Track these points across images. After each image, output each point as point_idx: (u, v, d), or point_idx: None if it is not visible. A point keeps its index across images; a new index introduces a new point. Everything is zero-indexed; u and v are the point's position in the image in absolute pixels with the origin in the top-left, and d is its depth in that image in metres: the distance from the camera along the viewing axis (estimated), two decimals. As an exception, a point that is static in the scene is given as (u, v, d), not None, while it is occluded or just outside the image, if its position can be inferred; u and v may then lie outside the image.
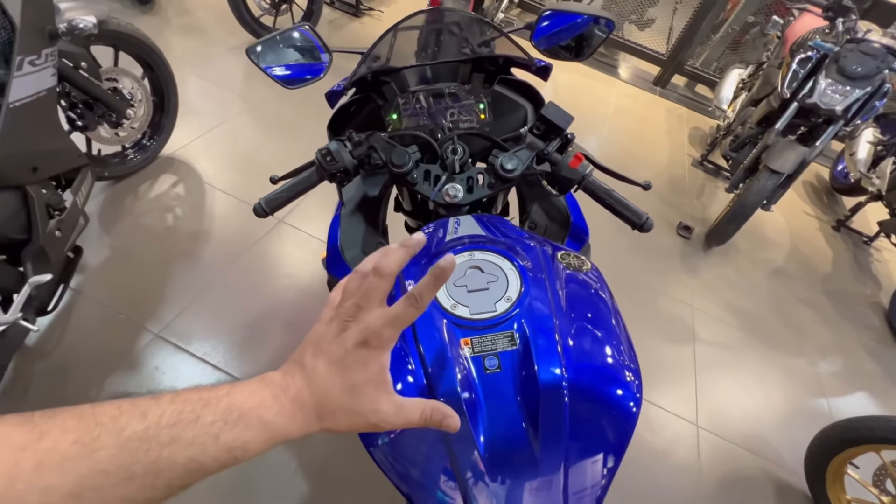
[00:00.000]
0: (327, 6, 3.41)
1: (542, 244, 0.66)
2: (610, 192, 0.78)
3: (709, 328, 2.11)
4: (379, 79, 0.89)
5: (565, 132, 0.77)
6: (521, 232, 0.70)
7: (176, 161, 2.01)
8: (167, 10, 2.90)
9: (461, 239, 0.64)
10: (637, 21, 4.26)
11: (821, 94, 2.11)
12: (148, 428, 0.28)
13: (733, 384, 1.92)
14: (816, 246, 2.93)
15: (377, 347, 0.35)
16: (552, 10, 0.81)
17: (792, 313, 2.36)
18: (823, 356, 2.21)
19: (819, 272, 2.71)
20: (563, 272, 0.60)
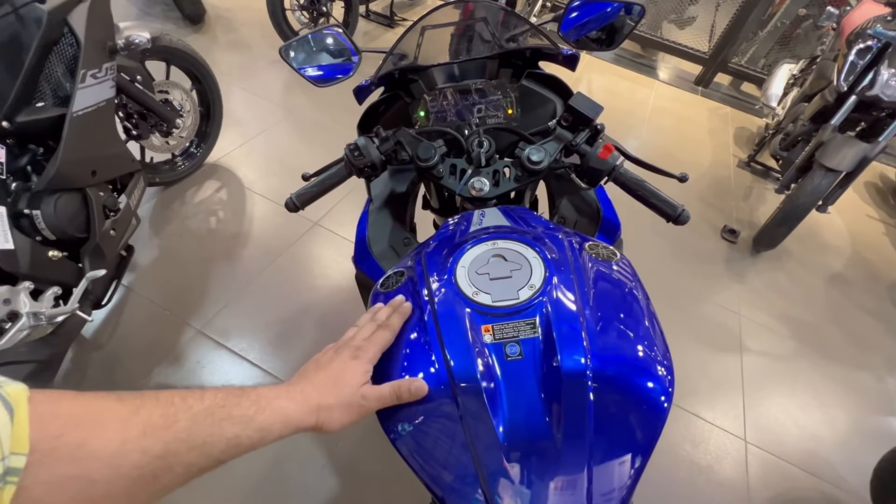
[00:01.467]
0: (363, 18, 3.52)
1: (569, 235, 0.64)
2: (642, 183, 0.74)
3: (758, 337, 1.97)
4: (407, 77, 0.90)
5: (594, 122, 0.75)
6: (547, 223, 0.68)
7: (220, 168, 2.12)
8: (215, 28, 3.10)
9: (486, 229, 0.63)
10: (677, 20, 4.13)
11: (883, 86, 1.95)
12: (208, 406, 0.36)
13: (786, 398, 1.78)
14: (882, 251, 2.69)
15: (363, 359, 0.49)
16: (580, 1, 0.79)
17: (853, 323, 2.17)
18: (892, 370, 2.01)
19: (885, 279, 2.49)
20: (590, 262, 0.58)
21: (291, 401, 0.42)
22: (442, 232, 0.69)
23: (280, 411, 0.41)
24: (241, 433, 0.37)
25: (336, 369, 0.47)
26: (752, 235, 2.45)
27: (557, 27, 0.84)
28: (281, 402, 0.42)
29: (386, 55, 0.79)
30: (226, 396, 0.38)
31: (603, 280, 0.55)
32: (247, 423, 0.38)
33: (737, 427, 1.64)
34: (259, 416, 0.39)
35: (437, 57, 0.94)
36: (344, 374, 0.47)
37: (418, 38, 0.91)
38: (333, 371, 0.47)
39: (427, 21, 0.83)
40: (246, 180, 2.10)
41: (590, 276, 0.55)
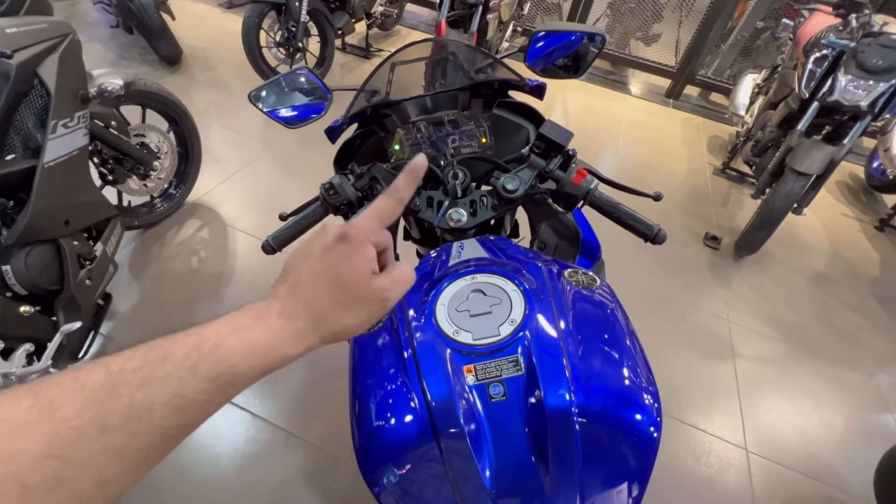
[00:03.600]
0: (339, 51, 3.58)
1: (547, 263, 0.64)
2: (617, 205, 0.75)
3: (749, 342, 1.98)
4: (380, 112, 0.91)
5: (566, 148, 0.76)
6: (526, 252, 0.68)
7: (201, 206, 2.10)
8: (193, 67, 3.12)
9: (466, 262, 0.63)
10: (643, 37, 4.29)
11: (842, 91, 2.03)
12: (111, 376, 0.27)
13: (782, 402, 1.78)
14: (860, 248, 2.75)
15: (357, 239, 0.35)
16: (544, 31, 0.82)
17: (840, 322, 2.20)
18: (882, 367, 2.03)
19: (866, 276, 2.54)
20: (570, 291, 0.57)
21: (264, 329, 0.32)
22: (421, 266, 0.68)
23: (241, 347, 0.31)
24: (181, 390, 0.28)
25: (327, 261, 0.34)
26: (733, 241, 2.49)
27: (524, 58, 0.86)
28: (243, 333, 0.31)
29: (356, 93, 0.80)
30: (145, 353, 0.29)
31: (583, 309, 0.54)
32: (185, 377, 0.28)
33: (737, 436, 1.63)
34: (204, 362, 0.29)
35: (409, 91, 0.95)
36: (339, 264, 0.34)
37: (389, 74, 0.92)
38: (323, 264, 0.34)
39: (397, 58, 0.85)
40: (228, 218, 2.08)
41: (570, 305, 0.55)
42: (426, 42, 0.83)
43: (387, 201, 0.37)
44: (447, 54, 0.90)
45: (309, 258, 0.35)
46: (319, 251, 0.35)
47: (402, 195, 0.38)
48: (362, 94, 0.80)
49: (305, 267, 0.35)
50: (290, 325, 0.33)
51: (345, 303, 0.34)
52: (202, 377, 0.29)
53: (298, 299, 0.34)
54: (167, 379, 0.28)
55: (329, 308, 0.34)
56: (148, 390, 0.27)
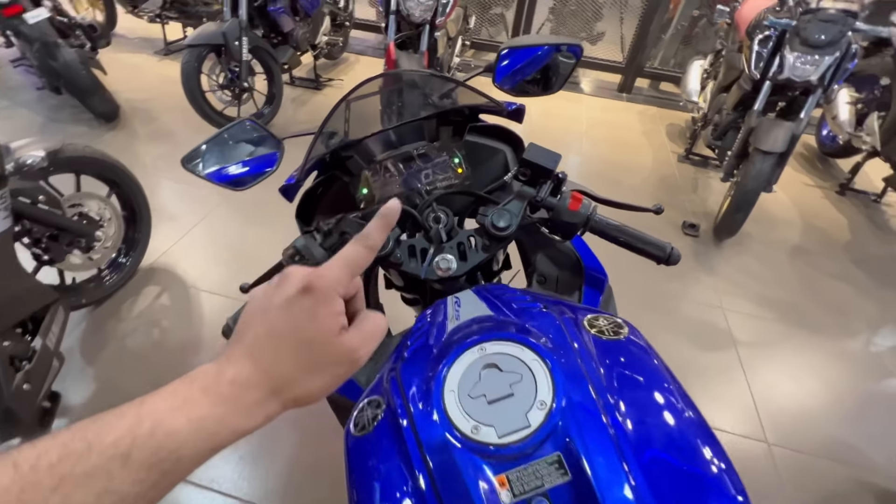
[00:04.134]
0: (288, 86, 3.47)
1: (561, 311, 0.55)
2: (622, 228, 0.68)
3: (745, 327, 1.96)
4: (340, 155, 0.81)
5: (554, 172, 0.68)
6: (533, 300, 0.59)
7: (157, 270, 1.92)
8: (133, 121, 2.94)
9: (468, 326, 0.53)
10: (588, 37, 4.38)
11: (791, 69, 2.08)
12: (20, 478, 0.23)
13: (792, 387, 1.75)
14: (827, 216, 2.82)
15: (324, 292, 0.31)
16: (509, 48, 0.74)
17: (827, 292, 2.22)
18: (875, 332, 2.04)
19: (839, 242, 2.59)
20: (597, 345, 0.48)
21: (213, 403, 0.27)
22: (415, 337, 0.58)
23: (187, 426, 0.26)
24: (110, 486, 0.24)
25: (290, 318, 0.30)
26: (711, 226, 2.49)
27: (492, 78, 0.78)
28: (188, 410, 0.27)
29: (312, 142, 0.70)
30: (65, 444, 0.24)
31: (623, 373, 0.45)
32: (114, 470, 0.24)
33: (756, 430, 1.58)
34: (139, 449, 0.25)
35: (370, 126, 0.86)
36: (303, 321, 0.30)
37: (345, 113, 0.83)
38: (284, 321, 0.30)
39: (352, 96, 0.76)
40: (189, 278, 1.91)
41: (605, 368, 0.46)
42: (381, 77, 0.74)
43: (357, 248, 0.34)
44: (408, 83, 0.82)
45: (268, 313, 0.31)
46: (280, 305, 0.30)
47: (375, 242, 0.35)
48: (318, 139, 0.70)
49: (264, 324, 0.30)
50: (245, 394, 0.29)
51: (310, 366, 0.30)
52: (136, 466, 0.25)
53: (256, 363, 0.29)
54: (92, 474, 0.24)
55: (291, 373, 0.30)
56: (67, 491, 0.23)
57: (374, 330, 0.34)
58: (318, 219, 0.85)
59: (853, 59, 2.08)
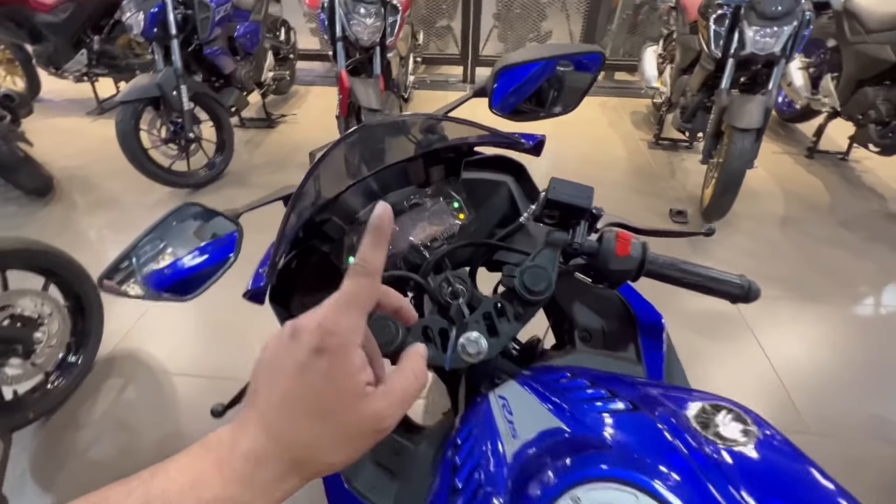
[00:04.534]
0: (239, 128, 3.27)
1: (645, 397, 0.41)
2: (685, 266, 0.55)
3: (759, 310, 1.88)
4: (314, 220, 0.65)
5: (590, 209, 0.55)
6: (598, 387, 0.45)
7: (117, 359, 1.69)
8: (70, 192, 2.67)
9: (537, 455, 0.38)
10: (537, 37, 4.37)
11: (753, 43, 2.06)
12: None
13: (820, 368, 1.67)
14: (803, 181, 2.84)
15: (341, 349, 0.27)
16: (507, 65, 0.61)
17: (824, 259, 2.19)
18: (880, 290, 2.02)
19: (822, 205, 2.59)
20: (732, 463, 0.34)
21: (226, 480, 0.25)
22: (463, 452, 0.43)
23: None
24: None
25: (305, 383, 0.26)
26: (699, 211, 2.45)
27: (489, 102, 0.65)
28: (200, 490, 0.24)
29: (282, 227, 0.54)
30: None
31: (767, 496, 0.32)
32: None
33: (796, 422, 1.48)
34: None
35: (344, 178, 0.71)
36: (320, 386, 0.26)
37: (315, 170, 0.68)
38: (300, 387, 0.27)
39: (325, 157, 0.60)
40: (156, 362, 1.69)
41: (741, 491, 0.32)
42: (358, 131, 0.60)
43: (357, 282, 0.28)
44: (391, 129, 0.68)
45: (280, 377, 0.27)
46: (293, 370, 0.27)
47: (374, 265, 0.29)
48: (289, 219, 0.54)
49: (276, 389, 0.27)
50: (261, 471, 0.26)
51: (331, 435, 0.27)
52: None
53: (271, 435, 0.26)
54: None
55: (311, 444, 0.27)
56: None
57: (406, 391, 0.29)
58: (298, 300, 0.69)
59: (808, 26, 2.08)
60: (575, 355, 0.60)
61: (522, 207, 0.75)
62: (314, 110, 3.73)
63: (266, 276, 0.52)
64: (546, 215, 0.56)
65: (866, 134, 2.58)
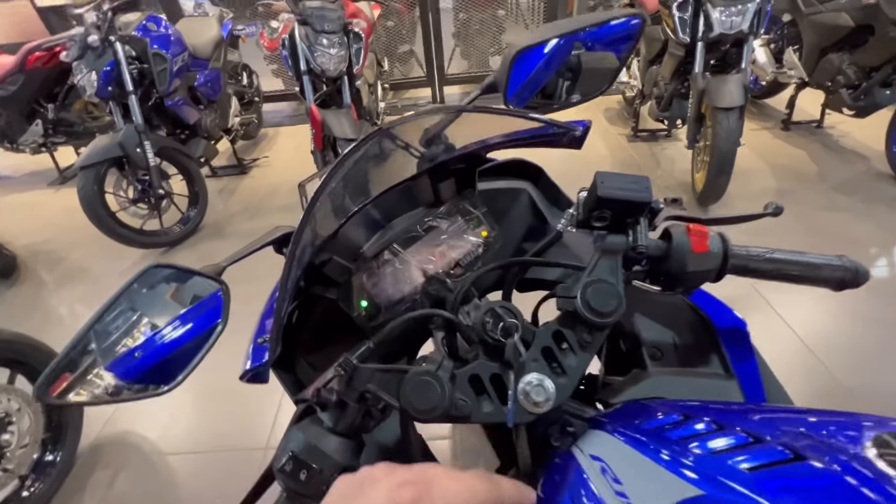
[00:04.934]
0: (211, 178, 3.16)
1: (813, 447, 0.31)
2: (779, 255, 0.46)
3: (778, 293, 1.81)
4: (312, 263, 0.55)
5: (650, 204, 0.46)
6: (716, 428, 0.34)
7: (103, 449, 1.51)
8: (36, 269, 2.50)
9: None
10: (499, 51, 4.40)
11: (720, 24, 2.06)
12: None
13: (856, 343, 1.60)
14: (786, 153, 2.84)
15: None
16: (523, 49, 0.52)
17: (826, 226, 2.15)
18: (889, 250, 1.97)
19: (810, 175, 2.58)
20: None
21: None
22: None
23: None
24: None
25: None
26: (693, 196, 2.41)
27: (503, 96, 0.56)
28: None
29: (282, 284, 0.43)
30: None
31: None
32: None
33: (835, 388, 1.40)
34: None
35: (341, 209, 0.61)
36: None
37: (301, 200, 0.58)
38: None
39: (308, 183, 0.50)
40: (148, 443, 1.52)
41: None
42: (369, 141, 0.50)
43: None
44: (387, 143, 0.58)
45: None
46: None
47: None
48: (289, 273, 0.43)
49: None
50: None
51: None
52: None
53: None
54: None
55: None
56: None
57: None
58: (304, 361, 0.58)
59: (770, 1, 2.09)
60: (651, 380, 0.50)
61: (549, 215, 0.66)
62: (286, 150, 3.64)
63: (269, 346, 0.40)
64: (595, 217, 0.47)
65: (839, 99, 2.60)
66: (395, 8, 4.22)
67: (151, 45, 2.29)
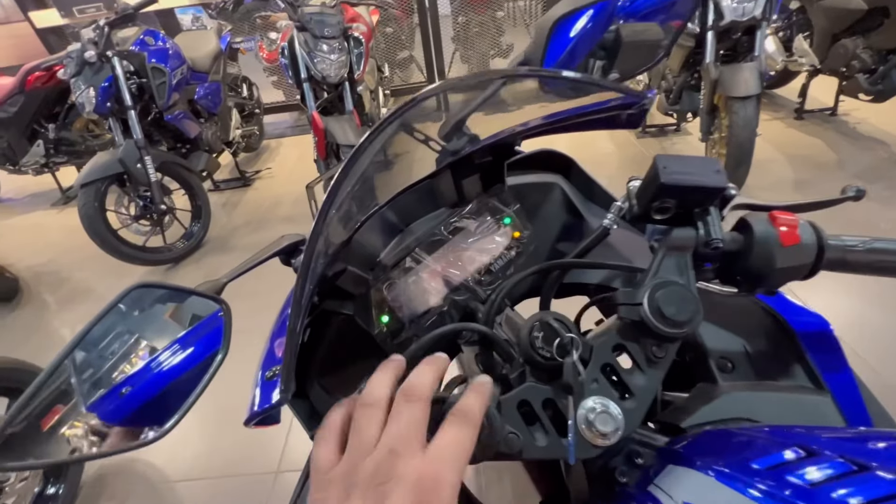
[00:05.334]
0: (214, 192, 3.12)
1: None
2: (881, 244, 0.39)
3: (813, 290, 1.72)
4: (325, 276, 0.48)
5: (725, 189, 0.39)
6: (831, 461, 0.27)
7: (107, 479, 1.44)
8: (40, 292, 2.45)
9: None
10: (499, 52, 4.36)
11: (732, 11, 1.99)
12: None
13: (882, 322, 1.51)
14: (802, 143, 2.75)
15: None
16: (562, 17, 0.46)
17: (854, 215, 2.04)
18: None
19: (829, 164, 2.49)
20: None
21: None
22: None
23: None
24: None
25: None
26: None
27: (540, 61, 0.49)
28: None
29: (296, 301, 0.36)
30: None
31: None
32: None
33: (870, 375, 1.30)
34: None
35: (356, 209, 0.54)
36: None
37: (310, 202, 0.51)
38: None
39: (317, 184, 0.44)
40: (154, 471, 1.45)
41: None
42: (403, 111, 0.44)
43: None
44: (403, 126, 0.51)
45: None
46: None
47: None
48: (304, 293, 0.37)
49: None
50: None
51: None
52: None
53: None
54: None
55: None
56: None
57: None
58: (318, 385, 0.51)
59: (781, -14, 2.03)
60: (725, 398, 0.42)
61: (585, 210, 0.59)
62: (288, 161, 3.60)
63: (282, 380, 0.33)
64: (657, 209, 0.40)
65: (855, 85, 2.52)
66: (394, 14, 4.19)
67: (149, 59, 2.26)
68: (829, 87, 2.83)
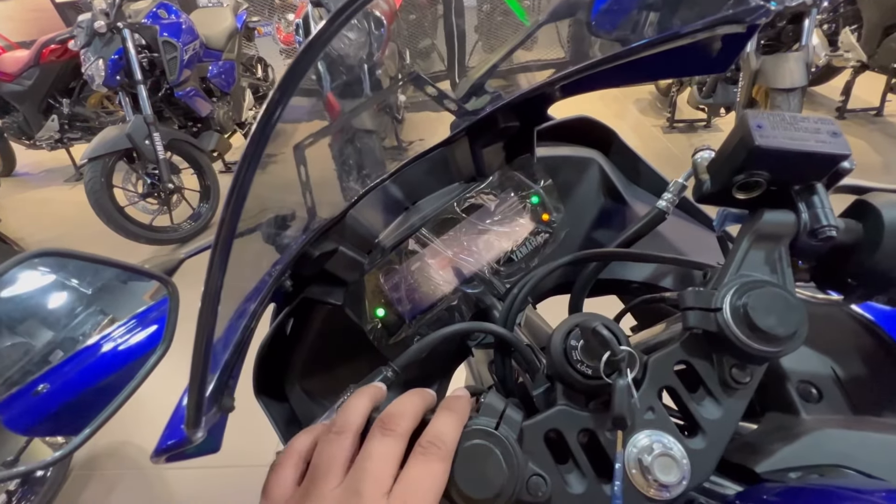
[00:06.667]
0: (224, 174, 3.06)
1: None
2: None
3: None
4: (311, 255, 0.39)
5: (846, 158, 0.29)
6: None
7: (98, 462, 1.39)
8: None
9: None
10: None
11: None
12: None
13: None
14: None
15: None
16: None
17: None
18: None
19: (874, 165, 2.33)
20: None
21: None
22: None
23: None
24: None
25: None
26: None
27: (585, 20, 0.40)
28: None
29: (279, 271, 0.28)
30: None
31: None
32: None
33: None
34: None
35: (351, 183, 0.46)
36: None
37: (300, 169, 0.43)
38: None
39: None
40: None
41: None
42: None
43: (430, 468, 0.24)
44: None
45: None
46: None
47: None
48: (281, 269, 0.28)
49: None
50: None
51: None
52: None
53: None
54: None
55: None
56: None
57: None
58: (299, 386, 0.43)
59: (834, -30, 1.87)
60: (813, 436, 0.32)
61: (626, 192, 0.49)
62: (302, 145, 3.54)
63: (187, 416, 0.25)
64: (742, 185, 0.30)
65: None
66: (418, 2, 4.08)
67: (161, 32, 2.20)
68: (874, 86, 2.64)
